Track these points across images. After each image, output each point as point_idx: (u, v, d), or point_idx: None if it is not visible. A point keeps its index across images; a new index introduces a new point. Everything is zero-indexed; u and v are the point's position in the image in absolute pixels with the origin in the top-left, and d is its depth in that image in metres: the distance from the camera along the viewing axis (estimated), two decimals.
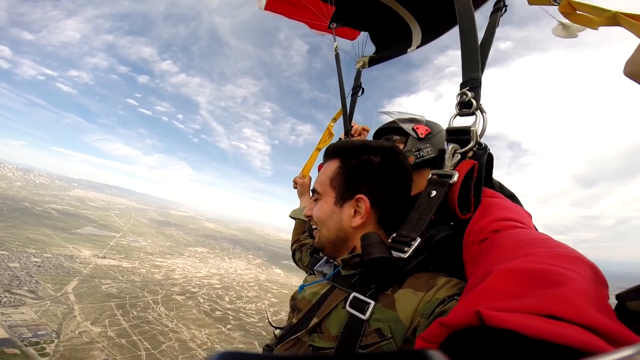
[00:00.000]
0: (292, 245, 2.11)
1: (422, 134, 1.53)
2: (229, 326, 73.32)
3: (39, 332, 50.71)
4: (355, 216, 1.09)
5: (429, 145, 1.52)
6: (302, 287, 1.24)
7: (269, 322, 1.54)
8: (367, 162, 1.11)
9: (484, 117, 1.16)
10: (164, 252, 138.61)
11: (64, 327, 54.92)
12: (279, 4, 3.09)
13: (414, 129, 1.54)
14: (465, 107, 1.19)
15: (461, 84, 1.22)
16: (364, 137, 2.29)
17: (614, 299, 0.56)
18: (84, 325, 57.38)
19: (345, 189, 1.11)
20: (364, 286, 0.95)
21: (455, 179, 1.01)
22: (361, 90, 2.61)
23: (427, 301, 0.84)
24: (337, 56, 2.69)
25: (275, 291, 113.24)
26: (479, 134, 1.13)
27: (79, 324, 57.41)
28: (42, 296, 63.58)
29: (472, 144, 1.11)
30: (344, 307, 0.95)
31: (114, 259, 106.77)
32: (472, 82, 1.19)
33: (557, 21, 1.91)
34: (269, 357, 0.65)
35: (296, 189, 2.39)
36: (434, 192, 1.03)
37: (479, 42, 1.29)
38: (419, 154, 1.50)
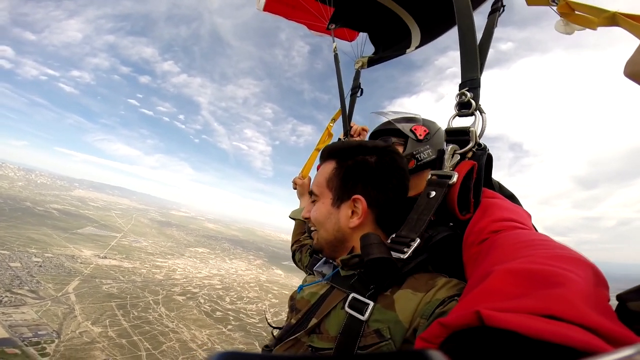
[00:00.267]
0: (292, 245, 2.11)
1: (420, 135, 1.50)
2: (230, 327, 73.26)
3: (40, 332, 50.74)
4: (352, 217, 1.09)
5: (428, 146, 1.50)
6: (301, 288, 1.24)
7: (268, 322, 1.53)
8: (363, 162, 1.11)
9: (483, 117, 1.16)
10: (165, 253, 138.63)
11: (65, 327, 54.96)
12: (278, 5, 3.09)
13: (412, 130, 1.52)
14: (464, 107, 1.18)
15: (460, 84, 1.22)
16: (363, 137, 2.28)
17: (615, 299, 0.56)
18: (85, 325, 57.42)
19: (341, 189, 1.11)
20: (363, 287, 0.95)
21: (454, 179, 1.00)
22: (360, 90, 2.61)
23: (427, 302, 0.84)
24: (336, 57, 2.69)
25: (275, 292, 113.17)
26: (478, 135, 1.13)
27: (80, 324, 57.45)
28: (43, 296, 63.66)
29: (471, 145, 1.11)
30: (343, 307, 0.94)
31: (115, 259, 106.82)
32: (471, 82, 1.19)
33: (560, 17, 1.91)
34: (269, 357, 0.65)
35: (296, 189, 2.39)
36: (434, 193, 1.03)
37: (478, 42, 1.28)
38: (420, 157, 1.48)
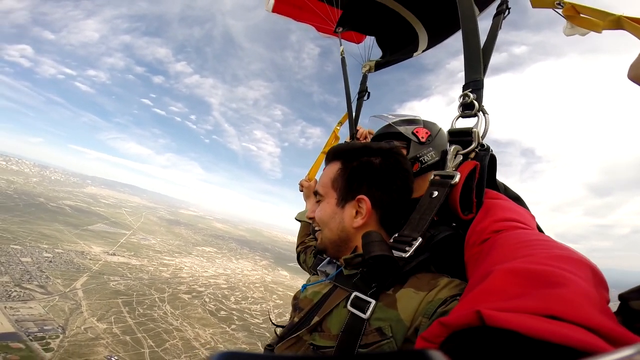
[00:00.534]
0: (297, 247, 2.12)
1: (423, 137, 1.49)
2: (233, 326, 73.49)
3: (45, 327, 51.52)
4: (356, 217, 1.11)
5: (431, 148, 1.49)
6: (304, 287, 1.25)
7: (271, 321, 1.54)
8: (368, 163, 1.12)
9: (486, 118, 1.17)
10: (173, 251, 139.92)
11: (70, 322, 55.75)
12: (286, 7, 3.11)
13: (414, 132, 1.51)
14: (467, 108, 1.19)
15: (464, 85, 1.23)
16: (368, 141, 2.28)
17: (617, 300, 0.56)
18: (90, 321, 58.19)
19: (346, 190, 1.13)
20: (365, 285, 0.96)
21: (457, 179, 1.02)
22: (367, 94, 2.60)
23: (429, 301, 0.84)
24: (343, 60, 2.69)
25: (280, 293, 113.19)
26: (480, 135, 1.14)
27: (85, 320, 58.24)
28: (51, 291, 64.74)
29: (474, 145, 1.12)
30: (345, 306, 0.95)
31: (124, 256, 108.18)
32: (474, 83, 1.20)
33: (566, 20, 1.88)
34: (270, 357, 0.67)
35: (302, 192, 2.39)
36: (436, 193, 1.04)
37: (482, 44, 1.30)
38: (424, 160, 1.47)
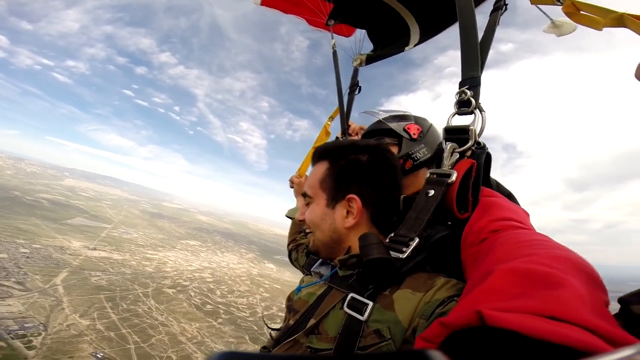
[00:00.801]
0: (289, 245, 2.10)
1: (414, 134, 1.47)
2: (220, 320, 73.31)
3: (26, 325, 50.05)
4: (348, 217, 1.09)
5: (423, 145, 1.46)
6: (299, 289, 1.22)
7: (266, 325, 1.50)
8: (356, 161, 1.11)
9: (482, 116, 1.15)
10: (156, 245, 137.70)
11: (52, 319, 54.33)
12: (276, 0, 3.03)
13: (405, 129, 1.48)
14: (464, 106, 1.17)
15: (460, 82, 1.21)
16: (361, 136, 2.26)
17: (617, 303, 0.57)
18: (73, 317, 56.86)
19: (335, 190, 1.11)
20: (361, 287, 0.95)
21: (453, 178, 1.00)
22: (358, 88, 2.57)
23: (426, 302, 0.84)
24: (334, 53, 2.65)
25: (267, 286, 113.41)
26: (477, 133, 1.12)
27: (68, 316, 56.88)
28: (30, 288, 62.73)
29: (470, 143, 1.10)
30: (342, 308, 0.94)
31: (105, 250, 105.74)
32: (471, 80, 1.18)
33: (549, 19, 1.89)
34: (269, 357, 0.66)
35: (292, 188, 2.36)
36: (432, 192, 1.02)
37: (479, 40, 1.28)
38: (416, 157, 1.44)
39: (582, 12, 1.51)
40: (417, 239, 0.94)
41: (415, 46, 2.63)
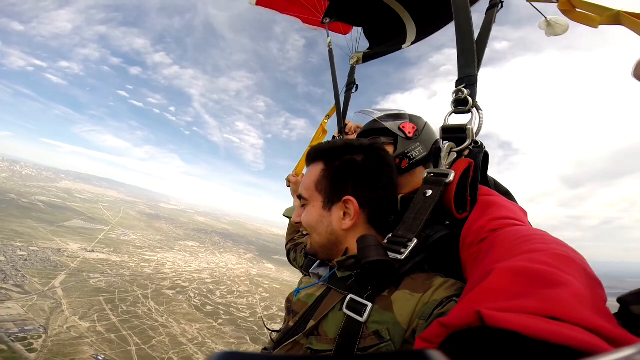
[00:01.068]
0: (287, 245, 2.08)
1: (409, 132, 1.45)
2: (220, 321, 73.33)
3: (26, 328, 50.01)
4: (345, 218, 1.08)
5: (419, 144, 1.45)
6: (298, 290, 1.21)
7: (266, 327, 1.49)
8: (351, 161, 1.09)
9: (480, 115, 1.13)
10: (154, 246, 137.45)
11: (52, 322, 54.23)
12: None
13: (400, 128, 1.47)
14: (461, 104, 1.16)
15: (457, 81, 1.19)
16: None
17: (616, 302, 0.56)
18: (72, 320, 56.77)
19: (331, 191, 1.10)
20: (360, 288, 0.94)
21: (451, 178, 0.99)
22: (355, 86, 2.56)
23: (425, 303, 0.83)
24: (330, 52, 2.64)
25: (266, 286, 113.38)
26: (475, 132, 1.11)
27: (67, 318, 56.78)
28: (28, 290, 62.55)
29: (468, 143, 1.09)
30: (341, 309, 0.93)
31: (103, 252, 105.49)
32: (468, 79, 1.17)
33: (544, 17, 1.89)
34: (270, 357, 0.64)
35: (290, 187, 2.35)
36: (430, 192, 1.01)
37: (475, 38, 1.27)
38: (412, 156, 1.43)
39: (578, 10, 1.50)
40: (415, 240, 0.93)
41: (412, 44, 2.63)
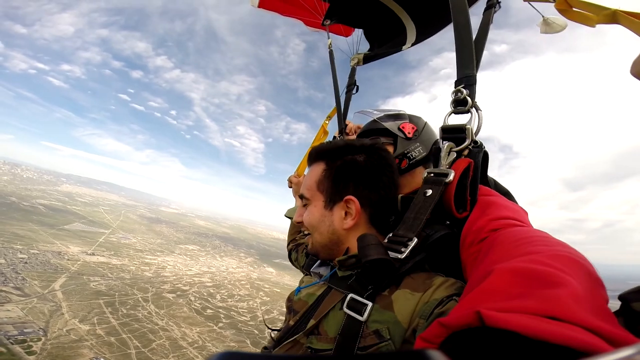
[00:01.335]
0: (288, 245, 2.08)
1: (409, 133, 1.46)
2: (221, 324, 73.02)
3: (26, 330, 49.87)
4: (346, 218, 1.08)
5: (418, 144, 1.45)
6: (298, 289, 1.21)
7: (266, 325, 1.50)
8: (352, 161, 1.10)
9: (479, 115, 1.14)
10: (154, 250, 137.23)
11: (51, 324, 54.06)
12: (273, 2, 3.04)
13: (400, 128, 1.47)
14: (460, 104, 1.16)
15: (456, 81, 1.20)
16: None
17: (617, 300, 0.56)
18: (72, 323, 56.58)
19: (333, 191, 1.10)
20: (360, 287, 0.95)
21: (451, 177, 0.99)
22: (356, 87, 2.59)
23: (425, 302, 0.84)
24: (331, 53, 2.67)
25: (267, 290, 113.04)
26: (474, 132, 1.12)
27: (67, 321, 56.58)
28: (28, 293, 62.42)
29: (467, 142, 1.10)
30: (341, 308, 0.93)
31: (103, 255, 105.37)
32: (467, 79, 1.18)
33: (541, 16, 1.91)
34: (269, 357, 0.65)
35: (291, 188, 2.35)
36: (430, 192, 1.02)
37: (474, 39, 1.27)
38: (411, 156, 1.43)
39: (575, 9, 1.52)
40: (415, 239, 0.94)
41: (412, 45, 2.65)
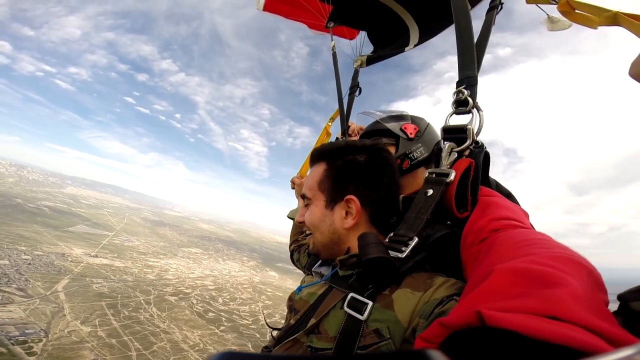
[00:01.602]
0: (291, 245, 2.08)
1: (411, 133, 1.46)
2: (222, 328, 72.77)
3: (27, 331, 49.94)
4: (347, 217, 1.09)
5: (420, 144, 1.45)
6: (300, 289, 1.22)
7: (267, 324, 1.49)
8: (353, 162, 1.11)
9: (480, 115, 1.14)
10: (157, 252, 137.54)
11: (53, 326, 54.15)
12: (277, 5, 3.07)
13: (402, 129, 1.48)
14: (461, 105, 1.17)
15: (457, 82, 1.21)
16: None
17: (616, 300, 0.56)
18: (74, 324, 56.63)
19: (334, 191, 1.11)
20: (361, 286, 0.95)
21: (452, 177, 1.00)
22: (359, 89, 2.59)
23: (425, 302, 0.84)
24: (334, 55, 2.67)
25: (269, 293, 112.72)
26: (475, 132, 1.12)
27: (69, 323, 56.66)
28: (31, 294, 62.64)
29: (468, 143, 1.10)
30: (342, 307, 0.94)
31: (107, 258, 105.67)
32: (468, 80, 1.18)
33: (546, 14, 1.90)
34: (269, 356, 0.66)
35: (294, 189, 2.36)
36: (431, 191, 1.02)
37: (475, 40, 1.28)
38: (413, 156, 1.43)
39: (577, 11, 1.51)
40: (416, 239, 0.94)
41: (415, 46, 2.66)
